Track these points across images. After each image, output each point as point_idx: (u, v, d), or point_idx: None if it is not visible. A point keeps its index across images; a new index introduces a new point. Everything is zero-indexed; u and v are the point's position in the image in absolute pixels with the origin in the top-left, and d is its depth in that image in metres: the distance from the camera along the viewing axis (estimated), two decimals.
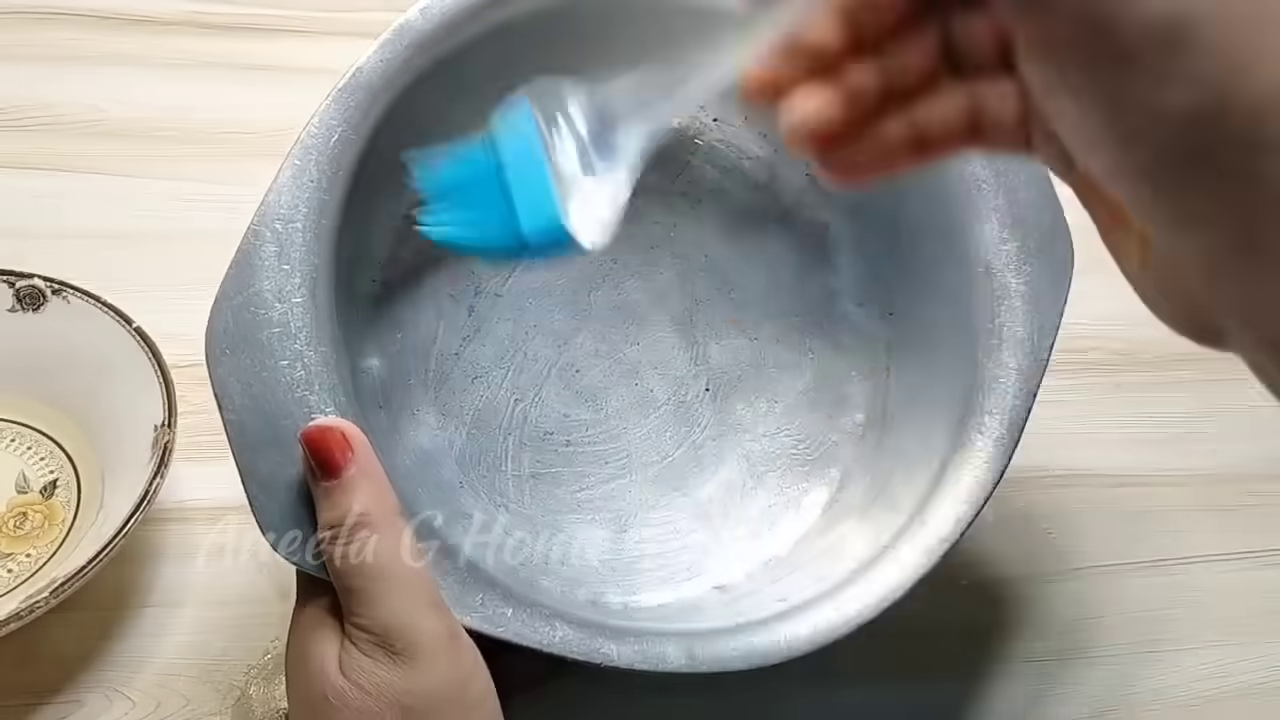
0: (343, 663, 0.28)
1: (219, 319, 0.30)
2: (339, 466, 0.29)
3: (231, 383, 0.30)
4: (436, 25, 0.35)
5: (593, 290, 0.44)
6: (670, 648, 0.33)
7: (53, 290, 0.42)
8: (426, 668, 0.28)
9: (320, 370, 0.31)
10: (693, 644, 0.33)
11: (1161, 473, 0.50)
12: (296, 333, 0.31)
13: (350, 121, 0.34)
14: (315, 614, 0.30)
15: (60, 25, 0.56)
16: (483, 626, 0.31)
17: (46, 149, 0.52)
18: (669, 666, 0.33)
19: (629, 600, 0.39)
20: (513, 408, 0.42)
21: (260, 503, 0.30)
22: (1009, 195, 0.39)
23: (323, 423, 0.30)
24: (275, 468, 0.30)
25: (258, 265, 0.31)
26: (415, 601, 0.29)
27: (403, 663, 0.28)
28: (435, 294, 0.42)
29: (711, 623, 0.36)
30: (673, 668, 0.33)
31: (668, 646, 0.33)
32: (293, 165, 0.32)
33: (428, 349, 0.41)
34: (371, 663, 0.28)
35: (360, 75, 0.34)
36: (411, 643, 0.28)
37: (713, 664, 0.33)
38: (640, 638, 0.33)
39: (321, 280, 0.32)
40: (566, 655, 0.32)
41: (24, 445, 0.42)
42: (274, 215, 0.32)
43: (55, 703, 0.39)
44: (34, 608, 0.34)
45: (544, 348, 0.42)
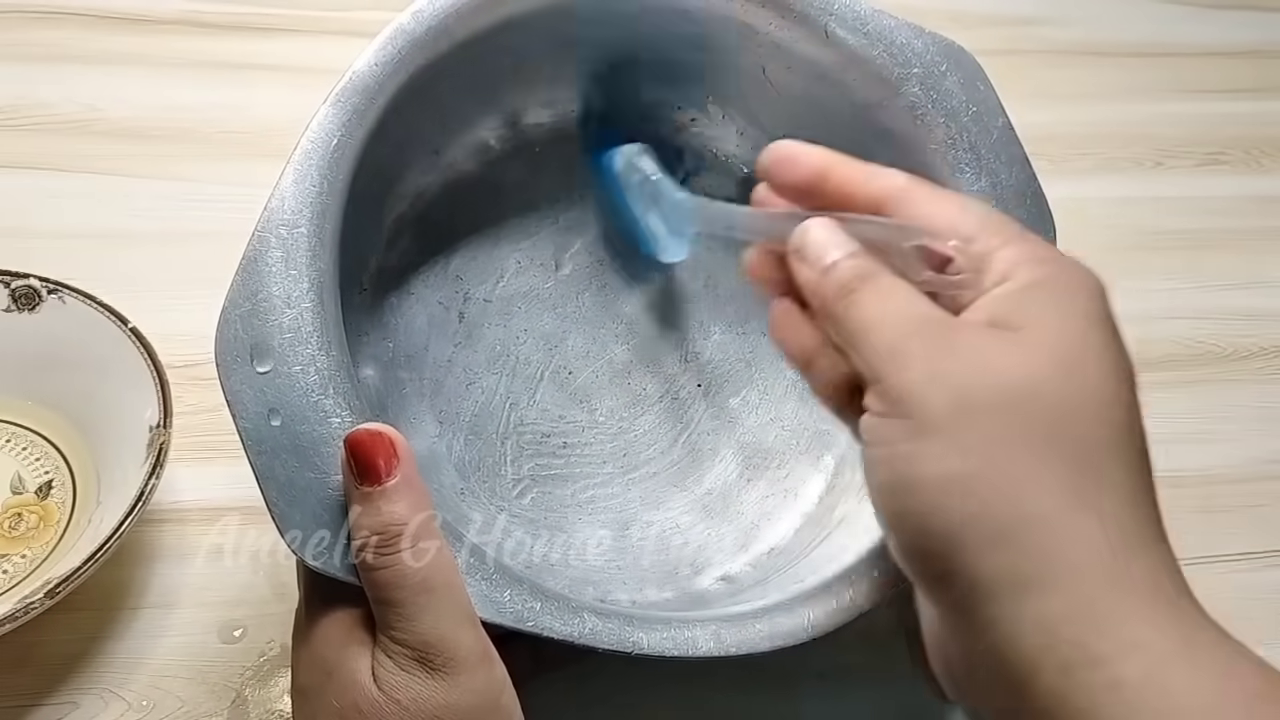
0: (377, 675, 0.28)
1: (228, 328, 0.30)
2: (384, 473, 0.28)
3: (245, 391, 0.30)
4: (429, 27, 0.35)
5: (580, 292, 0.44)
6: (698, 632, 0.33)
7: (48, 290, 0.42)
8: (464, 683, 0.28)
9: (333, 374, 0.30)
10: (720, 629, 0.33)
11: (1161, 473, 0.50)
12: (308, 337, 0.31)
13: (348, 126, 0.33)
14: (342, 623, 0.29)
15: (56, 24, 0.56)
16: (514, 623, 0.30)
17: (43, 148, 0.52)
18: (699, 651, 0.32)
19: (636, 597, 0.39)
20: (508, 412, 0.42)
21: (280, 509, 0.29)
22: (991, 178, 0.39)
23: (370, 427, 0.29)
24: (293, 473, 0.29)
25: (264, 271, 0.31)
26: (454, 616, 0.28)
27: (441, 677, 0.27)
28: (424, 301, 0.42)
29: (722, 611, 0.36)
30: (703, 652, 0.32)
31: (695, 631, 0.33)
32: (295, 170, 0.32)
33: (420, 356, 0.41)
34: (408, 676, 0.27)
35: (356, 78, 0.34)
36: (450, 658, 0.28)
37: (740, 646, 0.33)
38: (667, 625, 0.33)
39: (327, 285, 0.32)
40: (598, 646, 0.31)
41: (19, 446, 0.42)
42: (278, 221, 0.31)
43: (50, 704, 0.39)
44: (29, 609, 0.34)
45: (535, 351, 0.43)
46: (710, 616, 0.34)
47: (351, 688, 0.28)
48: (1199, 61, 0.67)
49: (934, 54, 0.39)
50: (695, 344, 0.44)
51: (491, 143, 0.43)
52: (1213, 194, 0.61)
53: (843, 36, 0.39)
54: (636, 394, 0.43)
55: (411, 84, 0.35)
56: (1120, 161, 0.61)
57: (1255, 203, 0.61)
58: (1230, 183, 0.62)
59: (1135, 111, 0.64)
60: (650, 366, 0.43)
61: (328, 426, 0.30)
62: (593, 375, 0.43)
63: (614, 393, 0.43)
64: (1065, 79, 0.64)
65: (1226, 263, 0.58)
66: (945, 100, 0.39)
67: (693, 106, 0.45)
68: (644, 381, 0.43)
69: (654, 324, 0.44)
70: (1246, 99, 0.65)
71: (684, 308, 0.44)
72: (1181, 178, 0.61)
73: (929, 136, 0.39)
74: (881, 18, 0.40)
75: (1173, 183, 0.61)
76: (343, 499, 0.29)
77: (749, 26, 0.41)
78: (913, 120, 0.39)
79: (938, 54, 0.39)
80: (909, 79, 0.39)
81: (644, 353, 0.44)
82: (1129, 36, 0.67)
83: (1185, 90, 0.65)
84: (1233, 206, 0.61)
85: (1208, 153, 0.63)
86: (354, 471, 0.29)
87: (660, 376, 0.43)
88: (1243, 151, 0.63)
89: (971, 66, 0.40)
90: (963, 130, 0.39)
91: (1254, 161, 0.63)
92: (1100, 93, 0.64)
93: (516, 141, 0.44)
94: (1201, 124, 0.64)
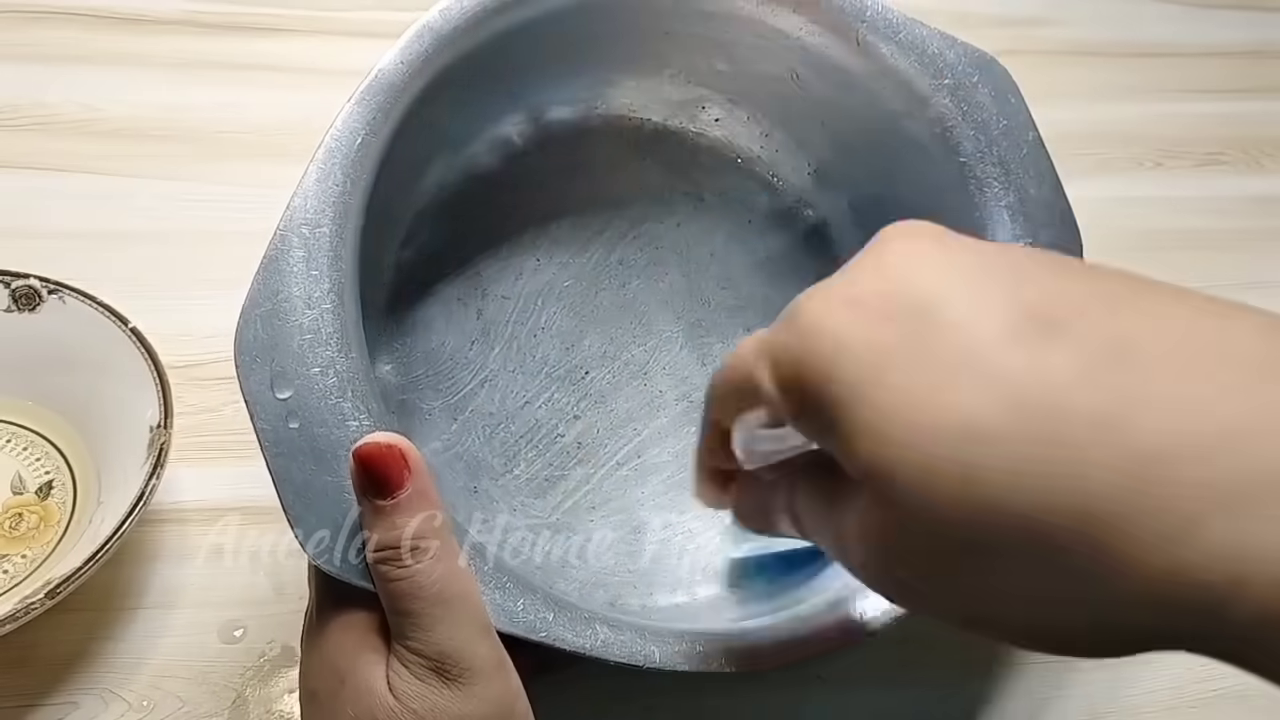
0: (392, 684, 0.28)
1: (248, 328, 0.30)
2: (396, 487, 0.28)
3: (263, 392, 0.29)
4: (455, 25, 0.35)
5: (599, 291, 0.44)
6: (710, 647, 0.33)
7: (48, 290, 0.42)
8: (480, 693, 0.28)
9: (352, 377, 0.30)
10: (731, 643, 0.33)
11: None
12: (328, 339, 0.30)
13: (372, 124, 0.33)
14: (355, 629, 0.29)
15: (56, 24, 0.56)
16: (526, 633, 0.30)
17: (42, 148, 0.52)
18: (711, 667, 0.32)
19: (646, 602, 0.39)
20: (523, 410, 0.41)
21: (296, 511, 0.29)
22: (1019, 193, 0.38)
23: (380, 439, 0.28)
24: (310, 476, 0.29)
25: (286, 271, 0.31)
26: (470, 626, 0.28)
27: (457, 687, 0.27)
28: (443, 298, 0.42)
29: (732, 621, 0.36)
30: (714, 668, 0.32)
31: (707, 646, 0.33)
32: (318, 168, 0.32)
33: (437, 353, 0.41)
34: (424, 686, 0.27)
35: (382, 76, 0.34)
36: (466, 668, 0.28)
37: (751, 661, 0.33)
38: (680, 638, 0.33)
39: (348, 285, 0.32)
40: (609, 659, 0.31)
41: (19, 446, 0.42)
42: (300, 220, 0.31)
43: (50, 704, 0.38)
44: (30, 609, 0.34)
45: (552, 350, 0.42)
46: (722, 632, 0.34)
47: (366, 695, 0.28)
48: (1199, 61, 0.67)
49: (966, 65, 0.39)
50: (713, 347, 0.44)
51: (514, 138, 0.43)
52: (1213, 194, 0.61)
53: (874, 44, 0.39)
54: (653, 396, 0.43)
55: (436, 81, 0.35)
56: (1120, 161, 0.61)
57: (1255, 203, 0.61)
58: (1230, 183, 0.62)
59: (1135, 111, 0.64)
60: (667, 368, 0.43)
61: (346, 430, 0.30)
62: (609, 375, 0.43)
63: (630, 394, 0.43)
64: (1065, 79, 0.64)
65: (1226, 263, 0.58)
66: (976, 113, 0.39)
67: (717, 107, 0.45)
68: (661, 383, 0.43)
69: (672, 325, 0.44)
70: (1246, 99, 0.65)
71: (703, 310, 0.44)
72: (1181, 178, 0.61)
73: (958, 149, 0.39)
74: (915, 27, 0.39)
75: (1173, 183, 0.61)
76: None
77: (779, 31, 0.40)
78: (943, 132, 0.39)
79: (970, 65, 0.39)
80: (940, 90, 0.39)
81: (661, 354, 0.43)
82: (1129, 36, 0.67)
83: (1185, 90, 0.65)
84: (1233, 206, 0.61)
85: (1208, 153, 0.63)
86: (365, 485, 0.28)
87: (676, 378, 0.43)
88: (1243, 151, 0.63)
89: (1004, 79, 0.39)
90: (992, 143, 0.39)
91: (1254, 161, 0.63)
92: (1100, 93, 0.64)
93: (539, 137, 0.43)
94: (1201, 124, 0.64)
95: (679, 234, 0.45)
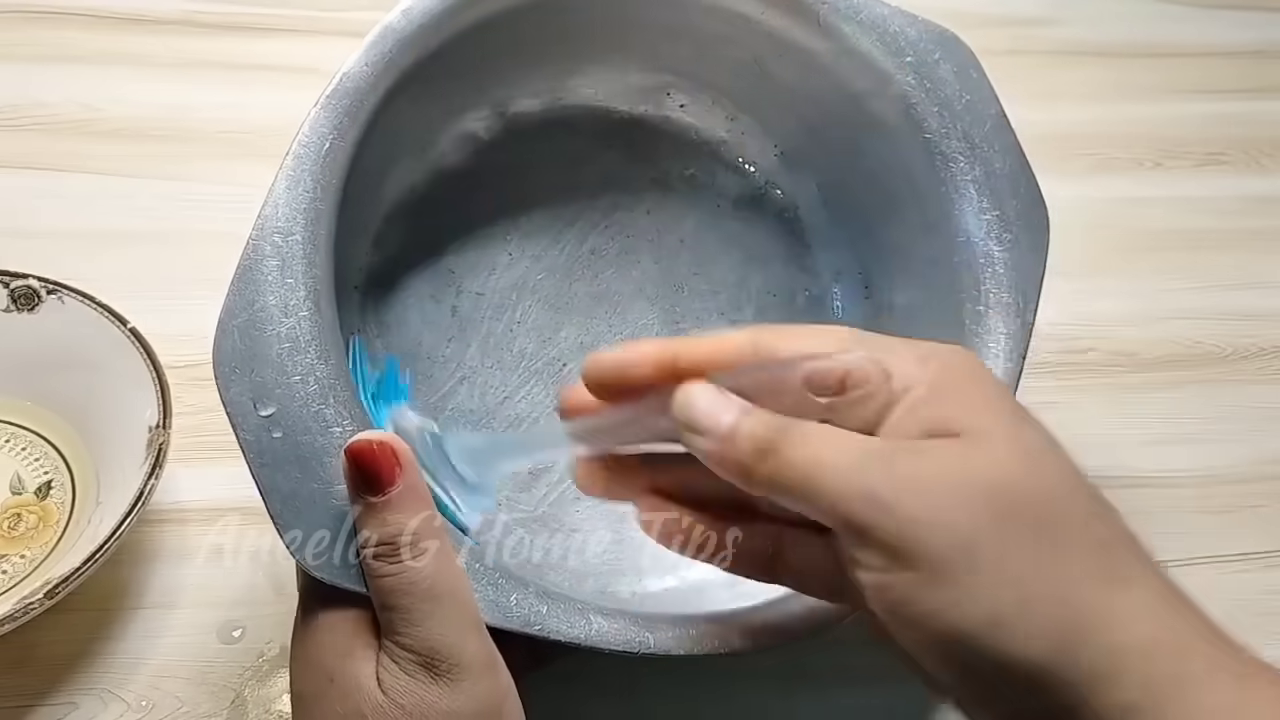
0: (381, 680, 0.28)
1: (226, 339, 0.30)
2: (387, 484, 0.28)
3: (244, 403, 0.29)
4: (418, 25, 0.35)
5: (573, 282, 0.44)
6: (704, 629, 0.33)
7: (48, 290, 0.42)
8: (469, 689, 0.28)
9: (333, 383, 0.30)
10: (725, 625, 0.33)
11: (1162, 473, 0.50)
12: (306, 346, 0.30)
13: (339, 128, 0.33)
14: (342, 629, 0.29)
15: (55, 24, 0.56)
16: (521, 627, 0.30)
17: (41, 148, 0.52)
18: (706, 649, 0.32)
19: (637, 588, 0.39)
20: (503, 406, 0.41)
21: (284, 520, 0.29)
22: (985, 166, 0.39)
23: (370, 437, 0.28)
24: (296, 484, 0.29)
25: (261, 280, 0.30)
26: (461, 622, 0.28)
27: (446, 683, 0.27)
28: (416, 296, 0.42)
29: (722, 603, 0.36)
30: (710, 649, 0.32)
31: (701, 628, 0.33)
32: (287, 175, 0.32)
33: (414, 352, 0.41)
34: (413, 681, 0.27)
35: (346, 80, 0.34)
36: (456, 664, 0.28)
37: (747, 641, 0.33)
38: (673, 623, 0.33)
39: (323, 291, 0.32)
40: (605, 648, 0.31)
41: (19, 446, 0.42)
42: (272, 228, 0.31)
43: (50, 704, 0.38)
44: (29, 609, 0.34)
45: (529, 343, 0.42)
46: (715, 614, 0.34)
47: (355, 692, 0.28)
48: (1199, 61, 0.67)
49: (927, 42, 0.39)
50: (688, 333, 0.44)
51: (480, 133, 0.43)
52: (1213, 194, 0.61)
53: (836, 25, 0.39)
54: None
55: (401, 81, 0.35)
56: (1120, 161, 0.61)
57: (1255, 203, 0.61)
58: (1230, 183, 0.62)
59: (1135, 111, 0.64)
60: None
61: (329, 436, 0.30)
62: None
63: None
64: (1065, 79, 0.64)
65: (1226, 263, 0.58)
66: (939, 89, 0.39)
67: (682, 93, 0.45)
68: None
69: (647, 313, 0.44)
70: (1246, 99, 0.65)
71: (677, 296, 0.45)
72: (1181, 178, 0.61)
73: (922, 126, 0.39)
74: (875, 6, 0.40)
75: (1173, 183, 0.61)
76: (347, 509, 0.29)
77: (741, 15, 0.41)
78: (906, 109, 0.39)
79: (930, 42, 0.39)
80: (902, 68, 0.39)
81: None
82: (1129, 36, 0.67)
83: (1185, 90, 0.65)
84: (1233, 206, 0.61)
85: (1208, 153, 0.62)
86: (357, 482, 0.28)
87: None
88: (1243, 151, 0.63)
89: (964, 54, 0.40)
90: (956, 119, 0.39)
91: (1254, 161, 0.63)
92: (1100, 93, 0.64)
93: (505, 131, 0.43)
94: (1201, 124, 0.64)
95: (649, 221, 0.45)
